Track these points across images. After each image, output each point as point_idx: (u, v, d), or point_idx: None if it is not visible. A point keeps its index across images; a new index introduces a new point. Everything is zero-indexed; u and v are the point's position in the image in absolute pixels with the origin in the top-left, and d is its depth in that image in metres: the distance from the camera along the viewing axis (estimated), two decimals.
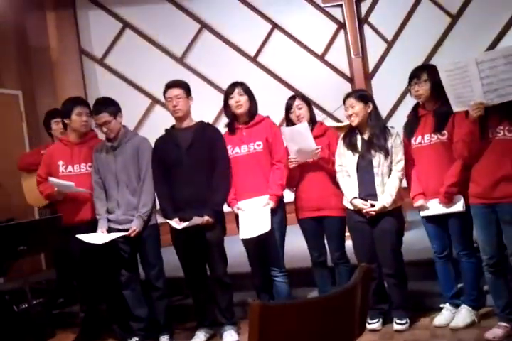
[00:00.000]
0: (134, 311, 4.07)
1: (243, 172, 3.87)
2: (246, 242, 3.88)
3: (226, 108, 3.97)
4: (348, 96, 3.78)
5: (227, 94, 3.94)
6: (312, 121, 3.97)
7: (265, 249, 3.87)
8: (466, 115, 3.25)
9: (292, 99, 3.98)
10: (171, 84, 3.93)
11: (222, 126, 4.09)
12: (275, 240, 3.84)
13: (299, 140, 3.77)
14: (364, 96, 3.79)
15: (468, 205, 3.42)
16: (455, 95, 3.22)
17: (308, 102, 4.02)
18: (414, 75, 3.63)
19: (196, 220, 3.72)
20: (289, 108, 3.95)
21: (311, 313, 1.71)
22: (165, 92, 3.94)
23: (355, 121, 3.71)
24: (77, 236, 3.88)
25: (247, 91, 3.93)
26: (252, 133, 3.88)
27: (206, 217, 3.76)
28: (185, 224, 3.74)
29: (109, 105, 4.00)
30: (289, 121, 3.98)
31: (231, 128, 3.98)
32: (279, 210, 3.86)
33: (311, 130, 3.85)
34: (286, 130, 3.87)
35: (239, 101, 3.88)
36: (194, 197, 3.80)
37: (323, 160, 3.82)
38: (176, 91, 3.88)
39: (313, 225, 3.92)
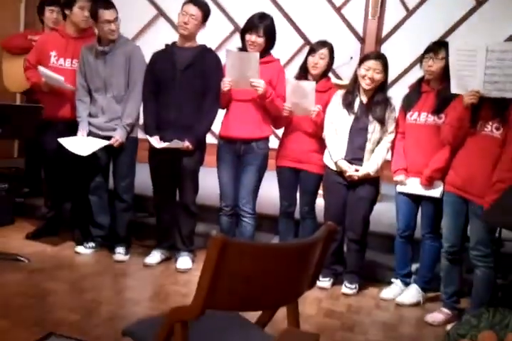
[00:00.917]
0: (96, 217, 4.10)
1: (239, 105, 3.79)
2: (222, 176, 3.88)
3: (243, 39, 3.82)
4: (375, 58, 3.62)
5: (248, 28, 3.76)
6: (323, 75, 3.85)
7: (240, 186, 3.87)
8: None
9: (322, 45, 3.81)
10: (195, 1, 3.74)
11: (223, 54, 3.93)
12: (251, 180, 3.84)
13: (301, 95, 3.67)
14: (388, 65, 3.67)
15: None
16: (457, 76, 3.14)
17: (333, 56, 3.85)
18: (432, 49, 3.50)
19: (176, 143, 3.68)
20: (312, 51, 3.82)
21: (268, 258, 1.72)
22: (185, 4, 3.76)
23: (370, 86, 3.61)
24: (60, 140, 3.82)
25: (268, 31, 3.73)
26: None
27: (187, 143, 3.72)
28: (165, 144, 3.70)
29: (113, 4, 3.84)
30: (303, 64, 3.84)
31: None
32: (262, 153, 3.82)
33: (317, 82, 3.77)
34: (292, 82, 3.76)
35: (254, 42, 3.72)
36: (179, 119, 3.73)
37: (314, 122, 3.75)
38: (195, 11, 3.71)
39: (290, 175, 3.91)
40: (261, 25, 3.72)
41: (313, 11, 6.34)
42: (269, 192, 3.99)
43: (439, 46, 3.50)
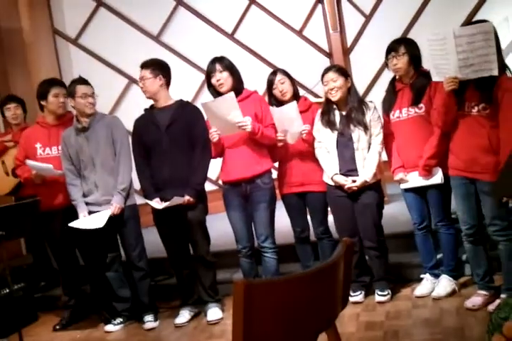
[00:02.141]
0: (117, 292, 4.09)
1: (234, 149, 3.83)
2: (235, 221, 3.89)
3: (210, 87, 3.89)
4: (327, 70, 3.73)
5: (208, 72, 3.85)
6: (295, 96, 3.93)
7: (255, 224, 3.88)
8: None
9: (273, 74, 3.91)
10: (142, 65, 3.87)
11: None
12: (265, 216, 3.84)
13: (288, 120, 3.73)
14: (344, 70, 3.78)
15: (447, 176, 3.45)
16: (434, 65, 3.21)
17: (290, 76, 3.95)
18: (392, 48, 3.62)
19: (177, 200, 3.71)
20: (271, 83, 3.89)
21: (295, 289, 1.72)
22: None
23: (336, 96, 3.69)
24: (70, 224, 3.85)
25: (228, 67, 3.82)
26: (240, 109, 3.69)
27: (187, 197, 3.75)
28: (166, 204, 3.73)
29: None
30: (271, 97, 3.93)
31: None
32: (268, 188, 3.84)
33: None
34: (275, 110, 3.81)
35: (220, 80, 3.79)
36: (174, 176, 3.78)
37: (307, 142, 3.81)
38: (142, 73, 3.83)
39: (297, 201, 3.94)
40: (216, 65, 3.81)
41: (275, 39, 6.52)
42: (279, 221, 4.00)
43: (397, 44, 3.61)
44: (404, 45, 3.57)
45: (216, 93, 3.85)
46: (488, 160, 3.16)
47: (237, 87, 3.85)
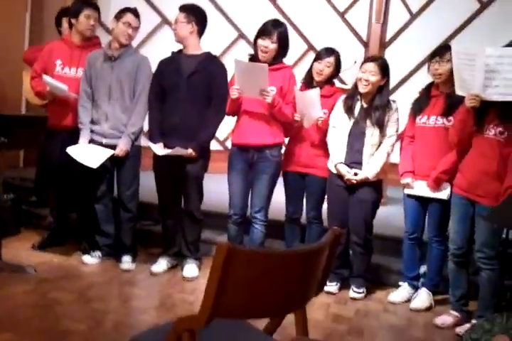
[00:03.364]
0: (102, 226, 4.10)
1: (251, 114, 3.79)
2: (234, 185, 3.87)
3: (255, 44, 3.81)
4: (372, 60, 3.66)
5: (261, 33, 3.75)
6: (328, 81, 3.87)
7: (253, 194, 3.87)
8: None
9: (329, 53, 3.82)
10: (180, 8, 3.79)
11: (228, 61, 3.92)
12: (265, 188, 3.83)
13: (308, 105, 3.69)
14: (387, 68, 3.68)
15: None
16: (459, 78, 3.16)
17: (339, 65, 3.88)
18: (438, 53, 3.55)
19: (179, 151, 3.68)
20: (318, 58, 3.83)
21: (275, 265, 1.71)
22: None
23: (366, 89, 3.63)
24: (68, 150, 3.82)
25: (281, 39, 3.73)
26: (269, 77, 3.61)
27: (190, 150, 3.72)
28: (167, 151, 3.70)
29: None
30: (308, 71, 3.87)
31: (252, 60, 3.83)
32: (275, 161, 3.82)
33: (321, 88, 3.78)
34: (298, 93, 3.77)
35: (266, 47, 3.72)
36: (183, 126, 3.74)
37: (320, 130, 3.77)
38: (178, 16, 3.75)
39: (296, 180, 3.93)
40: (275, 31, 3.72)
41: (316, 16, 6.37)
42: (276, 197, 3.99)
43: (445, 49, 3.53)
44: (450, 53, 3.47)
45: (255, 52, 3.79)
46: (492, 186, 3.12)
47: (278, 56, 3.79)
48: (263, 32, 3.75)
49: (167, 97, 3.80)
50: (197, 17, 3.78)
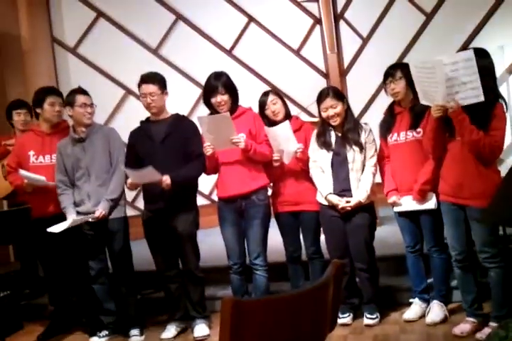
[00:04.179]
0: (104, 305, 4.04)
1: (230, 165, 3.82)
2: (228, 236, 3.87)
3: (207, 103, 3.88)
4: (325, 96, 3.71)
5: (209, 90, 3.83)
6: (287, 116, 3.95)
7: (248, 241, 3.87)
8: None
9: (265, 95, 3.95)
10: (146, 79, 3.83)
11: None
12: (259, 233, 3.83)
13: (282, 139, 3.74)
14: (340, 94, 3.78)
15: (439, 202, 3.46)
16: (422, 91, 3.24)
17: (282, 97, 4.00)
18: (389, 73, 3.66)
19: (152, 173, 3.59)
20: (263, 104, 3.93)
21: (283, 309, 1.71)
22: (139, 86, 3.86)
23: (337, 122, 3.70)
24: (48, 229, 3.78)
25: (229, 88, 3.81)
26: (235, 126, 3.70)
27: (166, 177, 3.64)
28: (140, 171, 3.64)
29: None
30: (264, 118, 3.94)
31: None
32: (263, 204, 3.84)
33: None
34: (269, 130, 3.82)
35: (221, 102, 3.80)
36: (167, 191, 3.74)
37: (301, 161, 3.82)
38: (151, 88, 3.80)
39: (290, 220, 3.94)
40: (219, 84, 3.80)
41: (273, 58, 6.57)
42: (272, 239, 3.98)
43: (394, 69, 3.66)
44: (400, 70, 3.60)
45: (213, 110, 3.86)
46: (476, 186, 3.17)
47: (233, 104, 3.87)
48: (209, 89, 3.83)
49: (144, 165, 3.82)
50: (165, 84, 3.87)
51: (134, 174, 3.70)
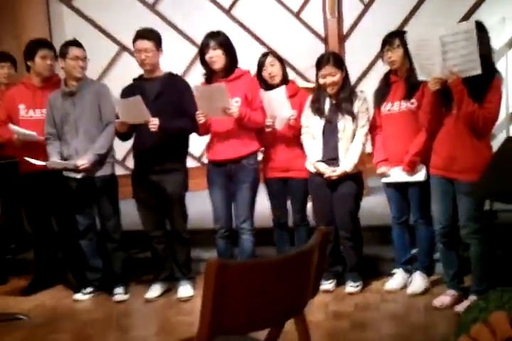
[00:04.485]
0: (90, 261, 4.06)
1: (222, 129, 3.78)
2: (216, 199, 3.87)
3: (203, 62, 3.82)
4: (326, 63, 3.65)
5: (202, 47, 3.79)
6: (284, 80, 3.89)
7: (236, 205, 3.87)
8: None
9: (265, 56, 3.88)
10: (142, 35, 3.76)
11: (191, 78, 3.96)
12: (247, 197, 3.83)
13: (277, 105, 3.70)
14: (341, 62, 3.73)
15: (429, 176, 3.45)
16: (419, 64, 3.22)
17: (281, 60, 3.92)
18: (387, 41, 3.60)
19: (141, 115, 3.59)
20: (261, 65, 3.86)
21: (267, 273, 1.71)
22: (134, 41, 3.79)
23: (334, 90, 3.66)
24: (26, 157, 3.78)
25: (222, 44, 3.74)
26: (230, 89, 3.65)
27: (156, 120, 3.60)
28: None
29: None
30: (260, 80, 3.88)
31: (208, 79, 3.85)
32: (253, 169, 3.83)
33: None
34: (264, 94, 3.77)
35: (212, 57, 3.73)
36: (157, 148, 3.74)
37: (293, 128, 3.78)
38: (146, 44, 3.73)
39: (279, 186, 3.93)
40: (211, 41, 3.74)
41: (272, 19, 6.42)
42: (260, 204, 3.99)
43: (393, 36, 3.59)
44: (399, 38, 3.53)
45: (209, 69, 3.80)
46: (468, 160, 3.17)
47: (230, 65, 3.80)
48: (203, 46, 3.78)
49: (136, 124, 3.76)
50: (160, 42, 3.80)
51: (121, 104, 3.65)
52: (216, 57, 3.73)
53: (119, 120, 3.70)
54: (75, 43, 3.89)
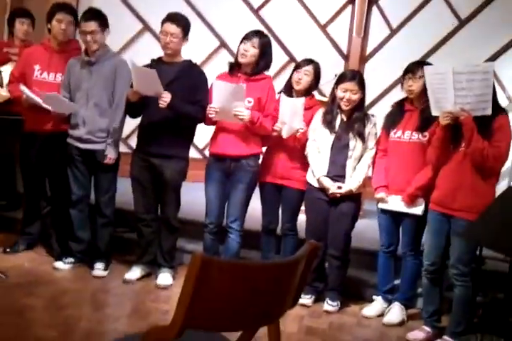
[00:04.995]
0: (77, 232, 4.05)
1: (228, 124, 3.76)
2: (210, 194, 3.86)
3: (237, 52, 3.81)
4: (351, 78, 3.65)
5: (244, 38, 3.77)
6: (307, 92, 3.87)
7: (229, 203, 3.86)
8: None
9: (308, 62, 3.86)
10: (172, 19, 3.73)
11: (208, 69, 3.89)
12: (241, 198, 3.82)
13: (291, 113, 3.68)
14: (364, 83, 3.71)
15: (427, 210, 3.45)
16: (434, 99, 3.23)
17: (319, 76, 3.89)
18: (410, 70, 3.59)
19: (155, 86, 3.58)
20: (297, 67, 3.85)
21: (251, 276, 1.70)
22: (163, 23, 3.75)
23: (348, 107, 3.66)
24: (22, 87, 3.80)
25: (263, 46, 3.74)
26: (248, 88, 3.66)
27: (168, 94, 3.60)
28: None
29: (100, 16, 3.85)
30: (287, 82, 3.88)
31: (232, 69, 3.84)
32: (252, 170, 3.81)
33: None
34: (284, 99, 3.76)
35: (247, 51, 3.72)
36: (164, 134, 3.73)
37: (299, 142, 3.77)
38: (174, 29, 3.70)
39: (273, 191, 3.92)
40: (256, 37, 3.74)
41: (298, 27, 6.39)
42: (252, 207, 3.98)
43: (417, 66, 3.57)
44: (422, 69, 3.50)
45: (235, 58, 3.80)
46: (468, 199, 3.16)
47: (258, 67, 3.79)
48: (245, 37, 3.77)
49: (146, 105, 3.77)
50: (186, 29, 3.78)
51: (137, 72, 3.60)
52: (249, 53, 3.72)
53: (131, 91, 3.69)
54: (85, 17, 3.84)
